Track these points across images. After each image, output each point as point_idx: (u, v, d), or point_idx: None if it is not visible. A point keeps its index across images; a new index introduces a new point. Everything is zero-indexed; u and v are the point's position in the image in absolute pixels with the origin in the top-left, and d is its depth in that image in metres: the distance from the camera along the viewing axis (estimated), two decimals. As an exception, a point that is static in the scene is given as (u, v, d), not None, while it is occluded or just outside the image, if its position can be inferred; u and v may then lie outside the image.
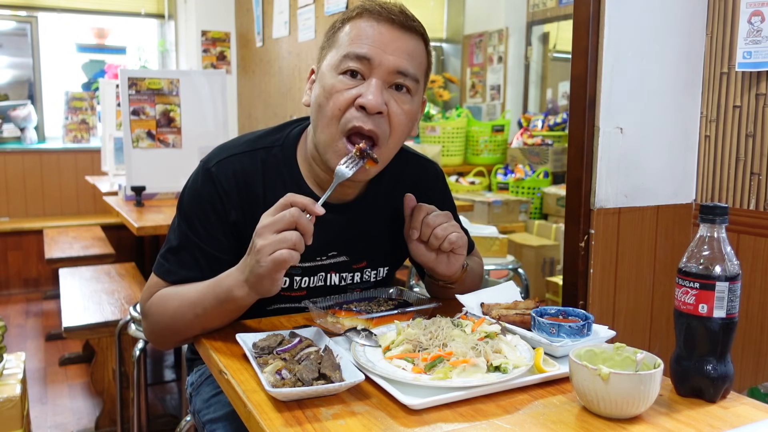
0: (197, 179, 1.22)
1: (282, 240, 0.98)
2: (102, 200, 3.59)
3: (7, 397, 2.00)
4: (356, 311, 1.18)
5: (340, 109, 1.10)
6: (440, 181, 1.41)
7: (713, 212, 0.89)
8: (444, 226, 1.16)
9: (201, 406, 1.33)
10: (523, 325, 1.09)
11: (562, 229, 2.78)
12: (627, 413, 0.83)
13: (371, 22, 1.12)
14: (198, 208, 1.20)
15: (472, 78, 5.54)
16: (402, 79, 1.12)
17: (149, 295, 1.21)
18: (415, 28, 1.16)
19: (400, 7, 1.15)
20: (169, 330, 1.18)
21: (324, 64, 1.16)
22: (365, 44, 1.10)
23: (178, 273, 1.18)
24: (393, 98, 1.12)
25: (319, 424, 0.82)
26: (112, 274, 3.35)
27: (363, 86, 1.10)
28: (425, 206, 1.18)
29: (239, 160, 1.21)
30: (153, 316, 1.20)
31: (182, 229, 1.20)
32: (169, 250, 1.21)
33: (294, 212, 0.99)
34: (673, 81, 1.85)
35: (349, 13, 1.17)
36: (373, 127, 1.10)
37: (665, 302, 1.93)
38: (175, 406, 3.00)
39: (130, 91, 3.09)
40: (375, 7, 1.14)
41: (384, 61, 1.10)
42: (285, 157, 1.24)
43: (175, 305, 1.15)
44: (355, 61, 1.10)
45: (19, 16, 5.42)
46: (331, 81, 1.12)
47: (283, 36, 4.29)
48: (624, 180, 1.83)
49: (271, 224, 0.99)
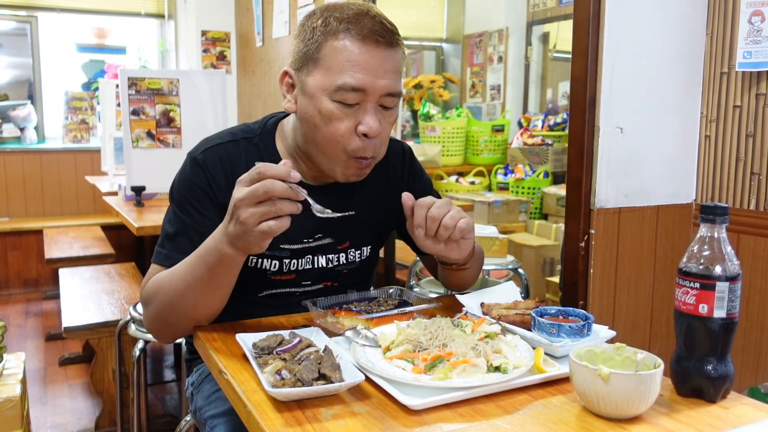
0: (185, 169, 1.27)
1: (267, 212, 0.99)
2: (102, 200, 3.59)
3: (7, 397, 2.00)
4: (356, 311, 1.18)
5: (342, 136, 1.16)
6: (409, 156, 1.46)
7: (713, 212, 0.89)
8: (450, 215, 1.16)
9: (202, 403, 1.34)
10: (523, 325, 1.09)
11: (562, 229, 2.77)
12: (627, 413, 0.83)
13: (357, 44, 1.14)
14: (188, 192, 1.24)
15: (472, 78, 5.54)
16: (391, 100, 1.18)
17: (146, 284, 1.23)
18: (397, 41, 1.18)
19: (381, 21, 1.16)
20: (166, 313, 1.17)
21: (311, 82, 1.17)
22: (358, 73, 1.13)
23: (177, 258, 1.19)
24: (383, 116, 1.19)
25: (319, 424, 0.82)
26: (112, 274, 3.35)
27: (360, 112, 1.16)
28: (425, 201, 1.18)
29: (224, 148, 1.27)
30: (150, 301, 1.20)
31: (176, 216, 1.24)
32: (166, 237, 1.24)
33: (268, 184, 0.99)
34: (673, 81, 1.85)
35: (331, 25, 1.15)
36: (373, 149, 1.19)
37: (665, 302, 1.93)
38: (175, 406, 3.00)
39: (130, 91, 3.09)
40: (357, 25, 1.14)
41: (377, 88, 1.15)
42: (265, 145, 1.30)
43: (167, 282, 1.16)
44: (350, 92, 1.14)
45: (19, 16, 5.42)
46: (327, 106, 1.15)
47: (283, 36, 4.29)
48: (624, 180, 1.83)
49: (250, 195, 0.99)
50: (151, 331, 1.25)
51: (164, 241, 1.24)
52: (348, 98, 1.14)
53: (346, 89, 1.13)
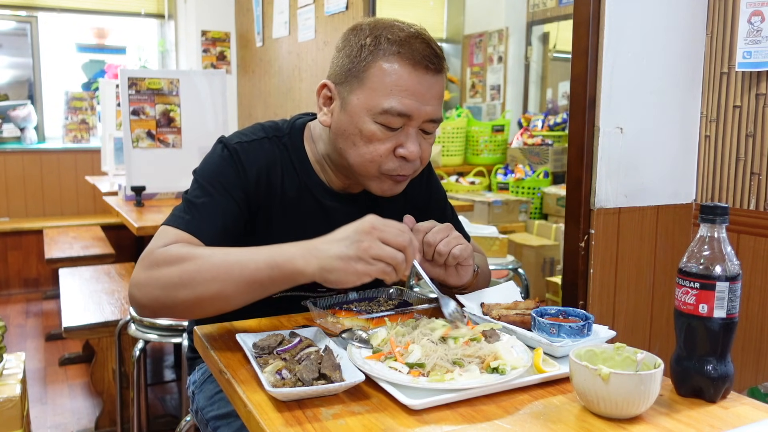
0: (217, 152, 1.24)
1: (393, 257, 0.97)
2: (102, 200, 3.59)
3: (7, 397, 2.00)
4: (356, 311, 1.18)
5: (381, 156, 1.16)
6: (428, 169, 1.46)
7: (713, 212, 0.89)
8: (446, 241, 1.16)
9: (204, 404, 1.33)
10: (523, 325, 1.08)
11: (562, 229, 2.78)
12: (627, 413, 0.83)
13: (407, 68, 1.12)
14: (219, 172, 1.21)
15: (472, 78, 5.54)
16: (432, 126, 1.18)
17: (164, 243, 1.11)
18: (444, 67, 1.18)
19: (432, 46, 1.15)
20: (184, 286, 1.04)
21: (354, 100, 1.15)
22: (406, 99, 1.12)
23: (203, 229, 1.14)
24: (423, 140, 1.19)
25: (319, 424, 0.82)
26: (112, 274, 3.35)
27: (401, 135, 1.16)
28: (423, 226, 1.18)
29: (259, 145, 1.25)
30: (169, 265, 1.06)
31: (204, 189, 1.18)
32: (191, 205, 1.17)
33: (408, 240, 0.98)
34: (673, 81, 1.85)
35: (381, 45, 1.13)
36: (411, 170, 1.20)
37: (665, 302, 1.94)
38: (175, 406, 3.00)
39: (130, 91, 3.09)
40: (410, 49, 1.12)
41: (422, 114, 1.15)
42: (293, 146, 1.28)
43: (206, 257, 1.05)
44: (396, 117, 1.13)
45: (19, 16, 5.42)
46: (369, 127, 1.14)
47: (283, 36, 4.29)
48: (624, 180, 1.83)
49: (386, 233, 0.97)
50: (143, 294, 1.09)
51: (189, 208, 1.17)
52: (392, 122, 1.14)
53: (392, 113, 1.13)
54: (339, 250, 0.97)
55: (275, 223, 1.27)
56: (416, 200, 1.41)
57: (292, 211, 1.28)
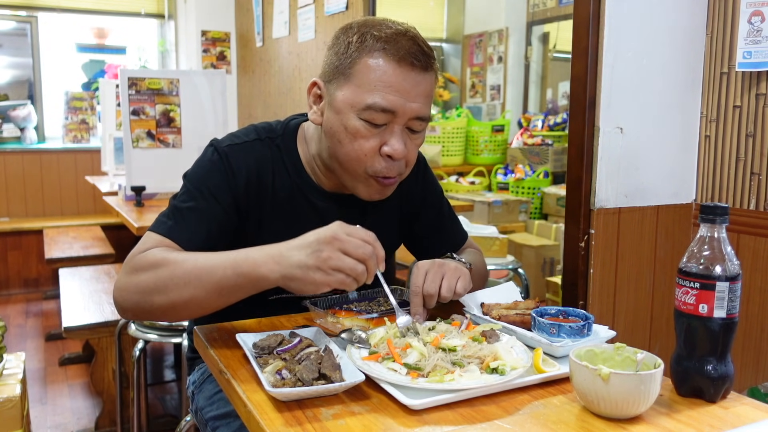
0: (207, 155, 1.25)
1: (353, 269, 0.97)
2: (102, 200, 3.59)
3: (7, 397, 2.00)
4: (356, 311, 1.18)
5: (366, 155, 1.16)
6: (423, 166, 1.46)
7: (714, 212, 0.89)
8: (446, 286, 1.14)
9: (204, 404, 1.33)
10: (523, 325, 1.08)
11: (562, 229, 2.78)
12: (627, 413, 0.83)
13: (392, 64, 1.12)
14: (208, 177, 1.22)
15: (472, 78, 5.54)
16: (419, 124, 1.17)
17: (145, 248, 1.14)
18: (432, 65, 1.17)
19: (418, 43, 1.14)
20: (159, 291, 1.07)
21: (340, 97, 1.15)
22: (389, 95, 1.12)
23: (184, 235, 1.15)
24: (409, 138, 1.18)
25: (319, 424, 0.82)
26: (112, 274, 3.35)
27: (386, 133, 1.15)
28: (417, 281, 1.16)
29: (251, 147, 1.26)
30: (146, 270, 1.09)
31: (191, 194, 1.21)
32: (176, 211, 1.19)
33: (370, 252, 0.98)
34: (673, 81, 1.85)
35: (367, 42, 1.13)
36: (397, 170, 1.19)
37: (665, 302, 1.94)
38: (175, 406, 3.00)
39: (130, 91, 3.09)
40: (395, 45, 1.12)
41: (407, 111, 1.14)
42: (286, 147, 1.29)
43: (179, 262, 1.07)
44: (380, 113, 1.13)
45: (19, 16, 5.42)
46: (353, 123, 1.14)
47: (283, 36, 4.29)
48: (624, 180, 1.83)
49: (347, 243, 0.97)
50: (123, 298, 1.12)
51: (173, 213, 1.19)
52: (376, 118, 1.13)
53: (376, 109, 1.12)
54: (299, 258, 0.99)
55: (267, 223, 1.27)
56: (411, 198, 1.41)
57: (284, 212, 1.28)
